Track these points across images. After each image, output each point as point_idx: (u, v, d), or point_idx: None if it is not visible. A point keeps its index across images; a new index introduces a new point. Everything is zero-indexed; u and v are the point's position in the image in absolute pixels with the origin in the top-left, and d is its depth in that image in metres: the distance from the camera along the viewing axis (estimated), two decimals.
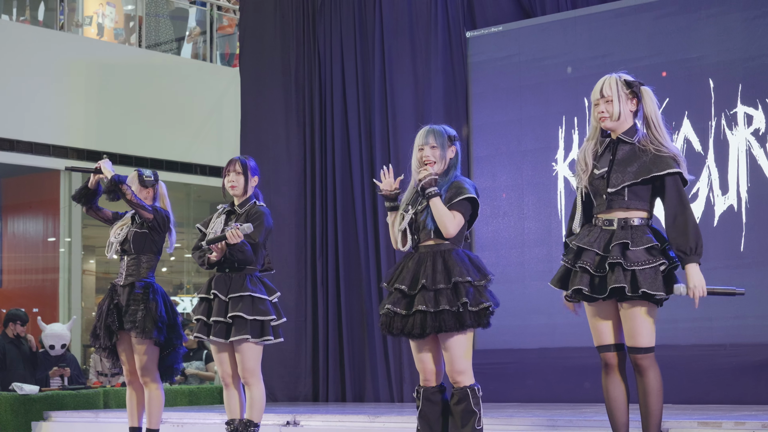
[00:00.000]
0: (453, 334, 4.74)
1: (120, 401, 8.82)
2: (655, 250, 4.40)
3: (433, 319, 4.72)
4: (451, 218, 4.79)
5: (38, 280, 12.96)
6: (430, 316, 4.72)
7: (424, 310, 4.72)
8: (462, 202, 4.81)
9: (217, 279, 5.76)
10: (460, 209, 4.82)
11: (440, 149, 4.90)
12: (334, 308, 9.85)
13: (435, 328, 4.71)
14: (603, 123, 4.53)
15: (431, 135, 4.91)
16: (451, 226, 4.79)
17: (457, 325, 4.70)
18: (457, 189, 4.84)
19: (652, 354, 4.43)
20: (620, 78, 4.54)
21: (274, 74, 10.41)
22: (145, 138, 12.44)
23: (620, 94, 4.50)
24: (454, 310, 4.69)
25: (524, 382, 8.63)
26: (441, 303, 4.70)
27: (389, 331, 4.87)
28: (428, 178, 4.81)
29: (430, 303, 4.72)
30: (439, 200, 4.80)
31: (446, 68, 9.37)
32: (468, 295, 4.70)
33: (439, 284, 4.72)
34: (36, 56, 11.74)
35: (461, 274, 4.72)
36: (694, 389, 7.70)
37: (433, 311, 4.71)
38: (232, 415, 5.82)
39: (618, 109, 4.50)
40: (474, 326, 4.75)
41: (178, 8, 14.04)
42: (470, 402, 4.76)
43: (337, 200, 9.93)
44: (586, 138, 4.67)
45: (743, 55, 7.99)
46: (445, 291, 4.72)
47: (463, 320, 4.70)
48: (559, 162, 8.76)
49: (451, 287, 4.73)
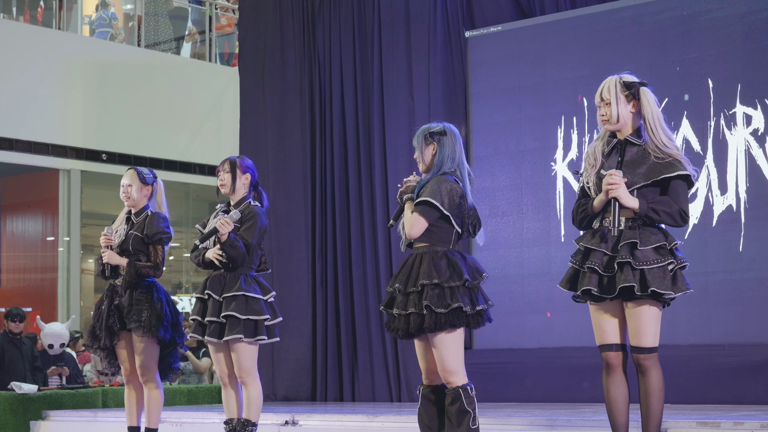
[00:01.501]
0: (437, 334, 4.78)
1: (119, 400, 8.81)
2: (663, 249, 4.40)
3: (405, 321, 4.82)
4: (410, 221, 4.86)
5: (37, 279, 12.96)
6: (402, 318, 4.82)
7: (397, 313, 4.84)
8: (421, 204, 4.84)
9: (212, 279, 5.76)
10: (420, 212, 4.84)
11: (418, 150, 4.98)
12: (333, 308, 9.85)
13: (404, 330, 4.83)
14: (604, 126, 4.56)
15: (415, 137, 5.02)
16: (410, 230, 4.86)
17: (421, 327, 4.77)
18: (427, 190, 4.85)
19: (655, 354, 4.43)
20: (620, 79, 4.54)
21: (273, 74, 10.40)
22: (144, 137, 12.44)
23: (618, 96, 4.50)
24: (418, 312, 4.77)
25: (523, 382, 8.63)
26: (409, 306, 4.80)
27: (389, 329, 4.99)
28: (406, 184, 4.94)
29: (401, 306, 4.83)
30: (408, 205, 4.91)
31: (445, 68, 9.37)
32: (429, 297, 4.75)
33: (410, 287, 4.81)
34: (35, 55, 11.75)
35: (428, 276, 4.78)
36: (692, 389, 7.70)
37: (405, 314, 4.81)
38: (231, 414, 5.83)
39: (616, 112, 4.50)
40: (446, 327, 4.76)
41: (177, 8, 14.04)
42: (463, 402, 4.78)
43: (336, 200, 9.92)
44: (598, 137, 4.67)
45: (742, 56, 8.00)
46: (413, 294, 4.81)
47: (424, 322, 4.75)
48: (558, 162, 8.75)
49: (418, 290, 4.79)
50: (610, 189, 4.38)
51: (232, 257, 5.66)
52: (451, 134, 4.97)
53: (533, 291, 8.72)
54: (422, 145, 4.96)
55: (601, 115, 4.55)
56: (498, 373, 8.56)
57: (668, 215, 4.41)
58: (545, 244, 8.76)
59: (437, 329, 4.75)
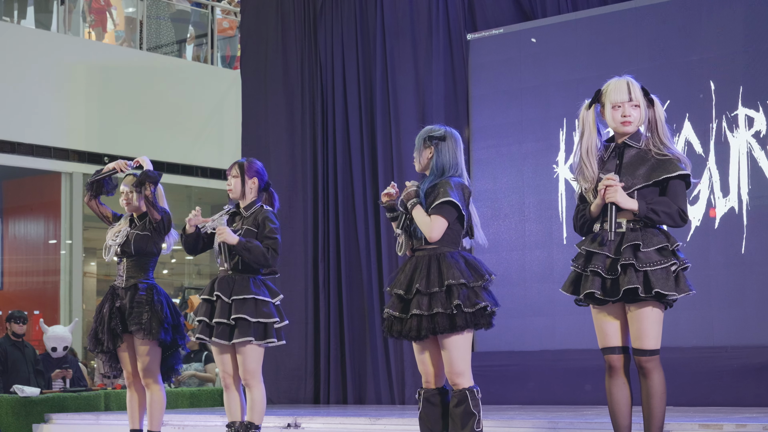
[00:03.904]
0: (449, 335, 4.77)
1: (121, 403, 8.81)
2: (666, 250, 4.40)
3: (429, 322, 4.77)
4: (429, 224, 4.82)
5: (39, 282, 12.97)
6: (425, 319, 4.77)
7: (419, 314, 4.78)
8: (441, 205, 4.83)
9: (220, 280, 5.75)
10: (441, 213, 4.83)
11: (417, 152, 4.99)
12: (336, 310, 9.85)
13: (430, 330, 4.77)
14: (625, 128, 4.48)
15: (416, 139, 5.02)
16: (431, 232, 4.83)
17: (451, 326, 4.74)
18: (439, 192, 4.84)
19: (657, 356, 4.43)
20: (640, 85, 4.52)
21: (275, 77, 10.41)
22: (146, 140, 12.45)
23: (642, 100, 4.49)
24: (448, 312, 4.74)
25: (525, 385, 8.63)
26: (434, 306, 4.75)
27: (390, 333, 4.95)
28: (407, 191, 4.90)
29: (424, 307, 4.77)
30: (418, 209, 4.86)
31: (447, 70, 9.38)
32: (460, 297, 4.74)
33: (433, 288, 4.78)
34: (37, 59, 11.76)
35: (454, 276, 4.77)
36: (695, 391, 7.70)
37: (427, 314, 4.76)
38: (233, 417, 5.82)
39: (643, 115, 4.49)
40: (471, 327, 4.79)
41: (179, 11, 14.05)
42: (469, 404, 4.78)
43: (338, 203, 9.93)
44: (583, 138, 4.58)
45: (744, 57, 8.00)
46: (439, 294, 4.77)
47: (456, 322, 4.74)
48: (560, 164, 8.75)
49: (444, 290, 4.77)
50: (607, 194, 4.39)
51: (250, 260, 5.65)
52: (452, 139, 4.95)
53: (535, 293, 8.71)
54: (420, 147, 4.97)
55: (625, 116, 4.47)
56: (500, 375, 8.56)
57: (668, 215, 4.41)
58: (547, 247, 8.76)
59: (460, 329, 4.75)
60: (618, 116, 4.49)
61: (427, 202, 4.85)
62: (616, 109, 4.49)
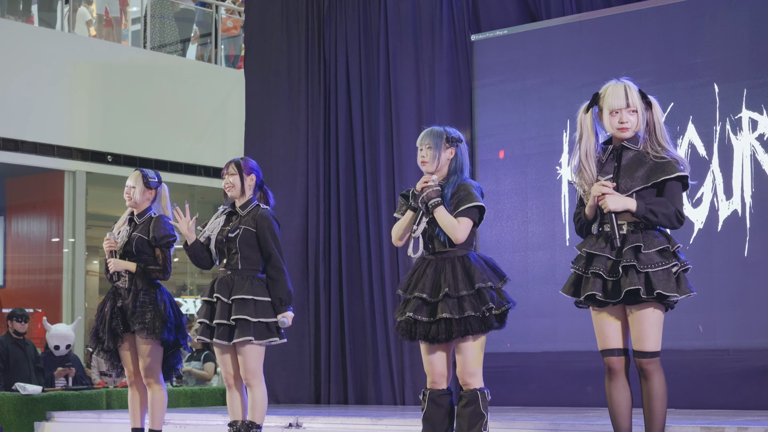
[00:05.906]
0: (474, 336, 4.79)
1: (123, 402, 8.82)
2: (667, 252, 4.40)
3: (459, 324, 4.77)
4: (457, 226, 4.82)
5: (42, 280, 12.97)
6: (456, 322, 4.77)
7: (449, 317, 4.75)
8: (470, 209, 4.84)
9: (219, 282, 5.78)
10: (469, 215, 4.85)
11: (434, 149, 4.92)
12: (337, 310, 9.85)
13: (461, 332, 4.77)
14: (623, 134, 4.48)
15: (428, 135, 4.97)
16: (458, 234, 4.84)
17: (483, 328, 4.78)
18: (465, 194, 4.86)
19: (657, 359, 4.42)
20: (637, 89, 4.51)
21: (278, 76, 10.41)
22: (149, 139, 12.45)
23: (640, 104, 4.49)
24: (479, 315, 4.76)
25: (527, 386, 8.62)
26: (466, 309, 4.76)
27: (410, 337, 4.91)
28: (429, 190, 4.84)
29: (455, 310, 4.76)
30: (442, 210, 4.84)
31: (451, 71, 9.37)
32: (493, 300, 4.78)
33: (462, 291, 4.78)
34: (40, 57, 11.76)
35: (483, 279, 4.79)
36: (696, 394, 7.70)
37: (458, 317, 4.76)
38: (235, 416, 5.83)
39: (641, 119, 4.48)
40: (498, 328, 4.84)
41: (184, 9, 14.06)
42: (479, 405, 4.79)
43: (340, 202, 9.93)
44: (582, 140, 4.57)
45: (748, 60, 7.99)
46: (469, 297, 4.77)
47: (490, 323, 4.79)
48: (564, 166, 8.75)
49: (474, 293, 4.77)
50: (601, 204, 4.39)
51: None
52: (463, 142, 5.04)
53: (538, 295, 8.71)
54: (441, 147, 4.93)
55: (623, 122, 4.46)
56: (502, 376, 8.55)
57: (665, 216, 4.40)
58: (550, 248, 8.76)
59: (487, 330, 4.79)
60: (615, 122, 4.48)
61: (452, 202, 4.85)
62: (613, 115, 4.48)
